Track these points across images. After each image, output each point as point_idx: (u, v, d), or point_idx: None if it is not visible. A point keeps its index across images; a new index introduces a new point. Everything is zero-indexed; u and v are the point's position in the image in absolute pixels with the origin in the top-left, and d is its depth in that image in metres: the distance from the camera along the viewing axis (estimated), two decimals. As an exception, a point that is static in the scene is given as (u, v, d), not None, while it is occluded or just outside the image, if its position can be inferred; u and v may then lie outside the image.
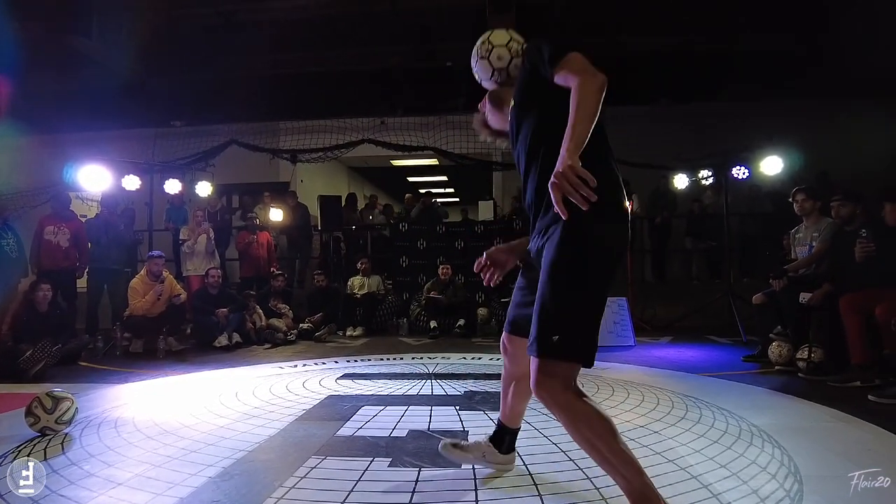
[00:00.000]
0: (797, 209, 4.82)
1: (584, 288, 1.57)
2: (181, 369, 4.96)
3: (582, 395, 1.57)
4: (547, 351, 1.54)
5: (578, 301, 1.56)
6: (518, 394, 2.13)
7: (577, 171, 1.37)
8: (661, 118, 9.26)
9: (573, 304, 1.56)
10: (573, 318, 1.55)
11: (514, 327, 2.02)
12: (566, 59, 1.61)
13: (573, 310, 1.56)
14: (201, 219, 7.59)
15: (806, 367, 4.15)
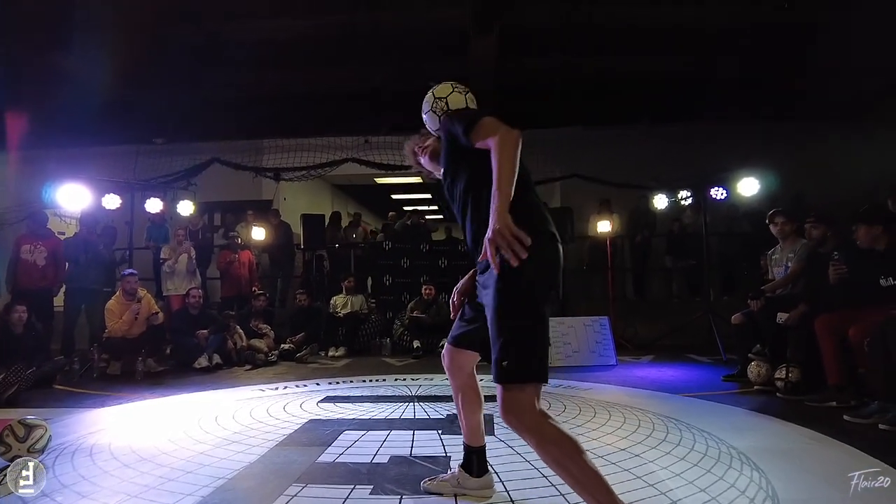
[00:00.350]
0: (776, 231, 4.92)
1: (524, 317, 1.71)
2: (160, 392, 4.88)
3: (547, 417, 1.66)
4: (504, 377, 1.67)
5: (521, 330, 1.70)
6: (466, 406, 2.24)
7: (509, 231, 1.55)
8: (640, 139, 9.42)
9: (518, 333, 1.70)
10: (520, 344, 1.69)
11: (454, 340, 2.24)
12: (479, 125, 1.80)
13: (519, 338, 1.69)
14: (182, 238, 7.53)
15: (784, 386, 4.21)
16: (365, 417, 3.76)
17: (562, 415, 3.73)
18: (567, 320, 6.23)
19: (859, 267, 3.96)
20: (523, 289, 1.71)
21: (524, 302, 1.72)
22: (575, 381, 4.95)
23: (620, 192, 8.55)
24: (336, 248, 9.50)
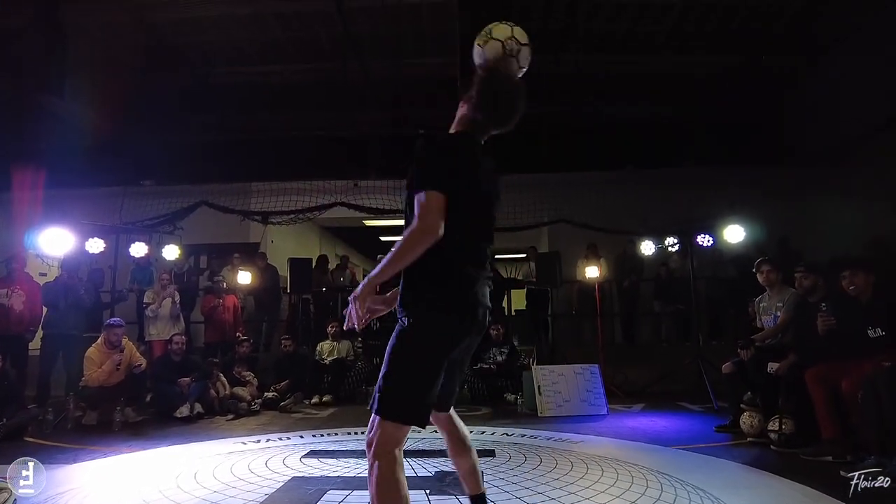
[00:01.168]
0: (762, 280, 4.94)
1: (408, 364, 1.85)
2: (137, 445, 4.70)
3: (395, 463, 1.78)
4: (375, 409, 1.84)
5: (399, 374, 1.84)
6: (452, 454, 2.23)
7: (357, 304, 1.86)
8: (627, 184, 9.55)
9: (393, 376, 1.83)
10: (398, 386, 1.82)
11: None
12: (424, 194, 1.80)
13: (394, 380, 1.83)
14: (167, 282, 7.42)
15: (778, 439, 4.14)
16: (350, 475, 3.63)
17: (553, 471, 3.63)
18: (557, 368, 6.15)
19: (847, 317, 3.96)
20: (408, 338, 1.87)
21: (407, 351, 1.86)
22: (567, 434, 4.85)
23: (607, 236, 8.61)
24: (322, 292, 9.40)
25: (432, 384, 1.85)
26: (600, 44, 10.25)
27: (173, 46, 10.03)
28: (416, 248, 1.78)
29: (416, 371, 1.85)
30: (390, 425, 1.80)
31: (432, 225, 1.77)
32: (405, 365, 1.85)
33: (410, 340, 1.86)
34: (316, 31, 9.84)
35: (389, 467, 1.77)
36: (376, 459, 1.79)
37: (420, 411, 1.84)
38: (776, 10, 9.25)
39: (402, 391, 1.83)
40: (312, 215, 8.51)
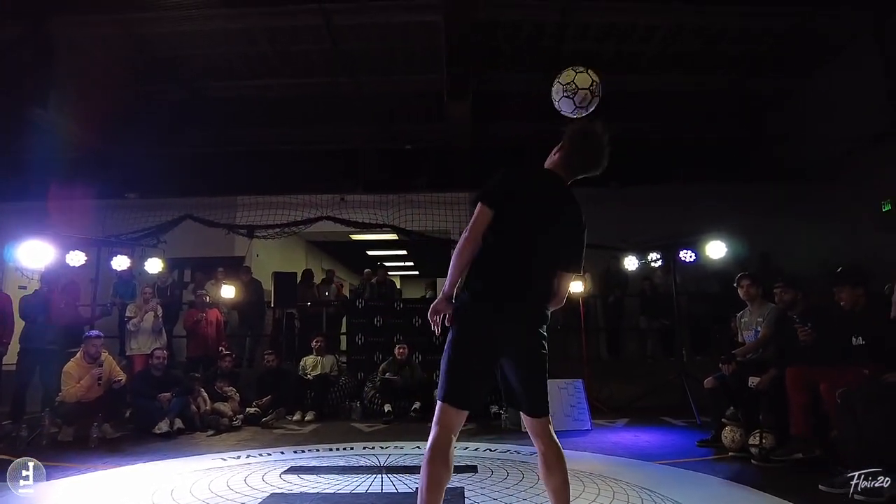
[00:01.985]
0: (742, 294, 5.00)
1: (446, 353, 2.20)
2: (114, 461, 4.61)
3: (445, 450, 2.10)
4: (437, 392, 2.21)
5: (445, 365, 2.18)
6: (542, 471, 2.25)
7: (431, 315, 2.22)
8: (611, 200, 9.62)
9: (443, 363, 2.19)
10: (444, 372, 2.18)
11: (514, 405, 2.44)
12: (478, 206, 2.20)
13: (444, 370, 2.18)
14: (149, 296, 7.35)
15: (758, 453, 4.16)
16: (329, 491, 3.59)
17: (536, 486, 3.61)
18: (541, 383, 6.12)
19: (828, 328, 4.01)
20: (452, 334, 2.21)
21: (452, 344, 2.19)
22: (549, 448, 4.82)
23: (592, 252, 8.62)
24: (307, 307, 9.34)
25: (474, 372, 2.18)
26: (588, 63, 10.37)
27: (163, 60, 10.01)
28: (462, 252, 2.16)
29: (455, 359, 2.17)
30: (444, 406, 2.14)
31: (475, 233, 2.16)
32: (447, 353, 2.19)
33: (451, 331, 2.21)
34: (306, 47, 9.88)
35: (439, 444, 2.10)
36: (433, 429, 2.13)
37: (464, 394, 2.16)
38: (761, 32, 9.43)
39: (449, 376, 2.16)
40: (298, 229, 8.47)
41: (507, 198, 2.21)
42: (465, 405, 2.15)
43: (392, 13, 8.92)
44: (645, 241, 8.12)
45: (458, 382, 2.15)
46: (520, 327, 2.19)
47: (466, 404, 2.15)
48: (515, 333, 2.19)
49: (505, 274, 2.17)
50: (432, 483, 2.07)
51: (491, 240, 2.18)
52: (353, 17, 8.98)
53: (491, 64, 10.25)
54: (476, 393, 2.25)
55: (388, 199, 9.47)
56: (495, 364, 2.23)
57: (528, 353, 2.22)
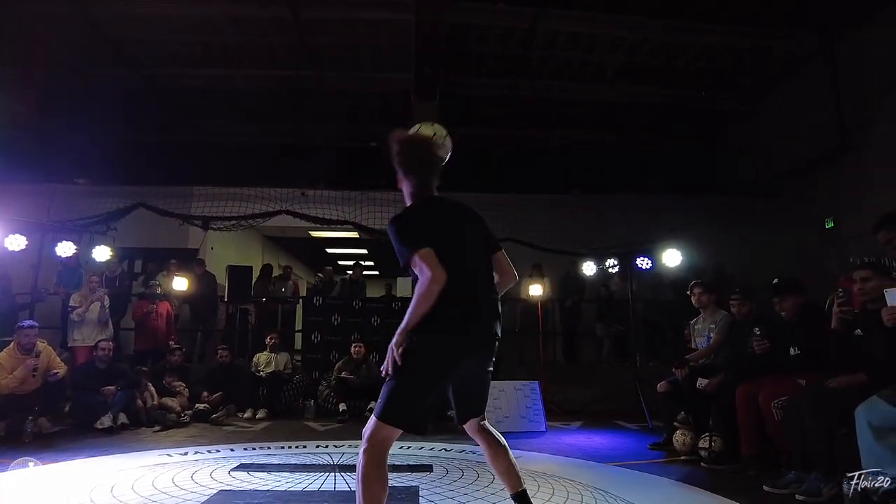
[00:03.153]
0: (695, 302, 5.13)
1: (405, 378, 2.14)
2: (49, 457, 4.36)
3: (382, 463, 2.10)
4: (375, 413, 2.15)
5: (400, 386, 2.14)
6: (488, 457, 2.44)
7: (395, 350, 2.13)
8: (572, 207, 9.77)
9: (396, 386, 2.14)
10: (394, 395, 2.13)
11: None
12: (416, 255, 2.15)
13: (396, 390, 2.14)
14: (96, 285, 7.04)
15: (707, 456, 4.26)
16: (280, 489, 3.49)
17: (490, 485, 3.60)
18: (499, 384, 6.15)
19: (775, 338, 4.14)
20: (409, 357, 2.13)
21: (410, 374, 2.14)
22: (504, 449, 4.82)
23: (552, 256, 8.75)
24: (263, 303, 9.13)
25: (425, 396, 2.17)
26: (555, 72, 10.52)
27: (117, 43, 9.61)
28: (430, 296, 2.11)
29: (411, 383, 2.14)
30: (381, 425, 2.10)
31: (436, 274, 2.10)
32: (404, 377, 2.12)
33: (412, 357, 2.12)
34: (270, 39, 9.67)
35: (375, 459, 2.09)
36: (367, 448, 2.09)
37: (409, 418, 2.16)
38: (721, 50, 9.74)
39: (397, 399, 2.12)
40: (256, 222, 8.27)
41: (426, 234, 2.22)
42: (408, 427, 2.17)
43: (362, 9, 8.83)
44: (603, 247, 8.27)
45: (410, 408, 2.15)
46: (482, 349, 2.29)
47: (410, 427, 2.18)
48: (486, 355, 2.32)
49: (459, 299, 2.19)
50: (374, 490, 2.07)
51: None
52: (321, 11, 8.83)
53: (458, 67, 10.26)
54: (423, 418, 2.25)
55: (351, 195, 9.34)
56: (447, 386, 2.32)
57: (483, 372, 2.38)
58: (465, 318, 2.21)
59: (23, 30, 8.98)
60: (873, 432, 3.01)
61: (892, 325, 3.04)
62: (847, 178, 8.85)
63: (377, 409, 2.14)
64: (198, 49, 9.94)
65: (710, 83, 10.63)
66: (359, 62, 10.27)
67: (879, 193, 7.86)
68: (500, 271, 2.47)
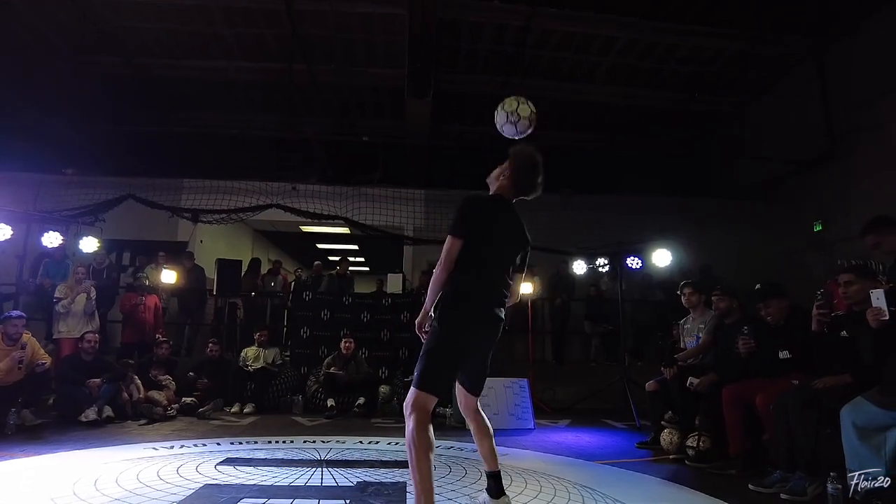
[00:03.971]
0: (685, 302, 5.16)
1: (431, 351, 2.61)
2: (32, 449, 4.32)
3: (426, 426, 2.50)
4: (414, 383, 2.58)
5: (428, 358, 2.60)
6: (476, 437, 2.93)
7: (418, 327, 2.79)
8: (563, 207, 9.79)
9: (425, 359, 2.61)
10: (425, 366, 2.59)
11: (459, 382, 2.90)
12: (448, 239, 2.66)
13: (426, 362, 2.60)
14: (82, 276, 6.95)
15: (695, 455, 4.28)
16: (267, 483, 3.46)
17: (478, 482, 3.59)
18: (489, 381, 6.07)
19: (764, 341, 4.17)
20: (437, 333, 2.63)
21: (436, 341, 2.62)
22: (493, 446, 4.83)
23: (542, 255, 8.76)
24: (252, 297, 9.07)
25: (451, 366, 2.65)
26: (547, 71, 10.53)
27: (108, 31, 9.48)
28: (439, 279, 2.65)
29: (437, 355, 2.58)
30: (420, 393, 2.52)
31: (448, 263, 2.63)
32: (432, 351, 2.58)
33: (436, 334, 2.61)
34: (263, 30, 9.59)
35: (421, 422, 2.47)
36: (412, 414, 2.49)
37: (439, 384, 2.59)
38: (712, 53, 9.80)
39: (429, 369, 2.56)
40: (246, 216, 8.22)
41: (472, 227, 2.67)
42: (439, 393, 2.58)
43: (356, 3, 8.77)
44: (594, 246, 8.29)
45: (439, 375, 2.59)
46: (492, 328, 2.73)
47: (441, 392, 2.59)
48: (489, 333, 2.74)
49: (482, 287, 2.70)
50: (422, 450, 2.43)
51: (467, 261, 2.64)
52: (314, 4, 8.77)
53: (451, 63, 10.24)
54: (450, 383, 2.72)
55: (342, 191, 9.31)
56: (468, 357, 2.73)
57: (490, 349, 2.80)
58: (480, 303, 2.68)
59: (10, 15, 8.85)
60: (857, 432, 3.06)
61: (877, 326, 3.08)
62: (834, 183, 8.94)
63: (415, 380, 2.55)
64: (189, 39, 9.84)
65: (700, 86, 10.69)
66: (352, 56, 10.21)
67: (866, 198, 7.94)
68: (512, 290, 2.84)
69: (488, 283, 2.71)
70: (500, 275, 2.77)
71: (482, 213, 2.74)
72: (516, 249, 2.83)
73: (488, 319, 2.70)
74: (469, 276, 2.66)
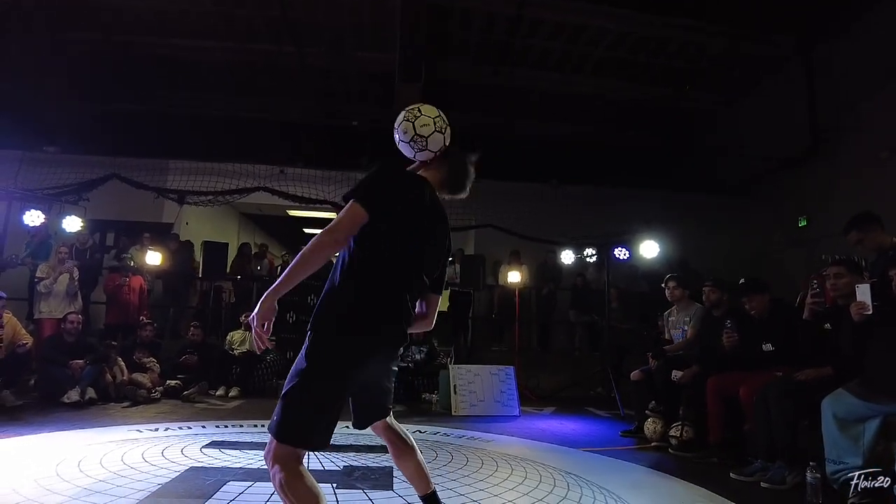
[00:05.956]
0: (668, 295, 5.23)
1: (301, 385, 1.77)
2: (13, 430, 4.26)
3: (300, 474, 1.72)
4: (272, 430, 1.77)
5: (298, 396, 1.77)
6: (396, 458, 2.19)
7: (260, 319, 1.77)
8: (551, 196, 9.81)
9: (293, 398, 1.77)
10: (292, 408, 1.77)
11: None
12: (350, 203, 1.84)
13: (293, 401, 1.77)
14: (65, 256, 6.84)
15: (677, 444, 4.35)
16: (253, 466, 3.46)
17: (463, 468, 3.63)
18: (474, 368, 6.20)
19: (747, 334, 4.24)
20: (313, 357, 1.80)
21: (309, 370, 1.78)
22: (478, 433, 4.88)
23: (530, 244, 8.80)
24: (238, 280, 9.00)
25: (332, 409, 1.80)
26: (537, 61, 10.49)
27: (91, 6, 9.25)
28: (318, 254, 1.78)
29: (315, 395, 1.78)
30: (283, 446, 1.75)
31: (339, 235, 1.81)
32: (306, 387, 1.77)
33: (314, 362, 1.79)
34: (251, 11, 9.42)
35: (292, 474, 1.72)
36: (276, 468, 1.73)
37: (314, 437, 1.79)
38: (700, 49, 9.82)
39: (299, 414, 1.77)
40: (233, 198, 8.13)
41: (386, 202, 1.88)
42: (313, 445, 1.83)
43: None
44: (581, 236, 8.33)
45: (311, 422, 1.77)
46: (391, 351, 2.01)
47: (316, 444, 1.82)
48: (386, 357, 2.02)
49: (383, 293, 1.89)
50: None
51: (365, 251, 1.86)
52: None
53: (440, 51, 10.16)
54: (329, 432, 1.82)
55: (330, 175, 9.22)
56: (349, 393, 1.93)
57: (389, 372, 2.10)
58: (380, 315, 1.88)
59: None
60: (837, 423, 3.12)
61: (859, 320, 3.13)
62: (816, 181, 9.05)
63: (274, 426, 1.76)
64: (175, 17, 9.63)
65: (687, 82, 10.72)
66: (340, 40, 10.08)
67: (846, 196, 8.02)
68: (426, 311, 2.14)
69: (400, 295, 1.92)
70: (419, 285, 2.02)
71: (405, 190, 1.98)
72: (439, 255, 2.09)
73: (393, 342, 1.97)
74: (375, 283, 1.87)
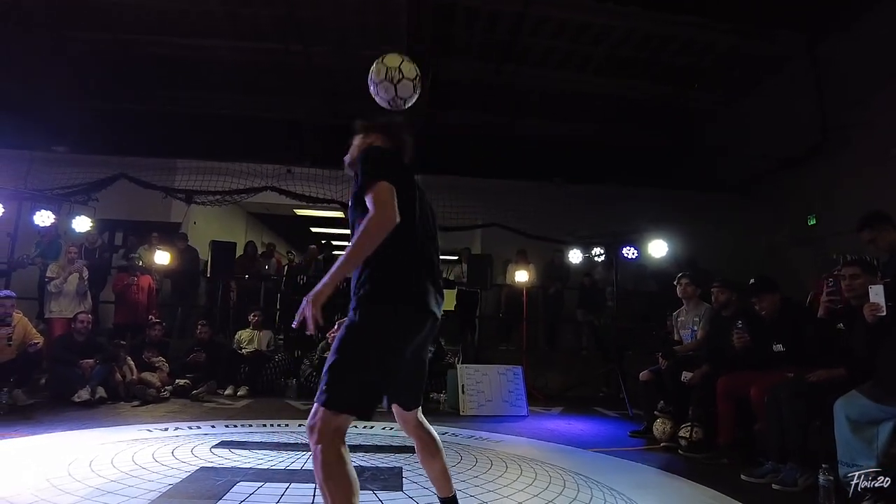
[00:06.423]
0: (680, 292, 5.19)
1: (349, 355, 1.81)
2: (25, 430, 4.30)
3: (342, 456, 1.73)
4: (320, 401, 1.77)
5: (344, 365, 1.80)
6: (422, 457, 2.25)
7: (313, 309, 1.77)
8: (557, 195, 9.78)
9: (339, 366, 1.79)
10: (339, 377, 1.78)
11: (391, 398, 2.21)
12: (374, 187, 1.81)
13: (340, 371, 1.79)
14: (75, 256, 6.88)
15: (687, 445, 4.33)
16: (263, 467, 3.47)
17: (472, 469, 3.62)
18: (482, 368, 6.20)
19: (757, 334, 4.21)
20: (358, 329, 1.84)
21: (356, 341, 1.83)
22: (486, 433, 4.87)
23: (537, 243, 8.77)
24: (246, 280, 9.02)
25: (380, 378, 1.84)
26: (540, 60, 10.44)
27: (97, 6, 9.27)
28: (376, 237, 1.77)
29: (364, 364, 1.80)
30: (330, 414, 1.75)
31: (390, 212, 1.78)
32: (353, 357, 1.80)
33: (362, 333, 1.83)
34: (257, 9, 9.42)
35: (334, 451, 1.72)
36: (319, 444, 1.73)
37: (362, 400, 1.81)
38: (705, 47, 9.75)
39: (347, 383, 1.78)
40: (240, 198, 8.16)
41: (398, 174, 1.89)
42: (361, 412, 1.83)
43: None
44: (589, 235, 8.29)
45: (362, 387, 1.80)
46: (433, 326, 2.00)
47: (364, 411, 1.83)
48: (430, 333, 2.02)
49: (424, 267, 1.96)
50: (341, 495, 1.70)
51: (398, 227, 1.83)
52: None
53: (445, 49, 10.13)
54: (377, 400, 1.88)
55: (337, 174, 9.22)
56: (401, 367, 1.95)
57: (426, 350, 2.14)
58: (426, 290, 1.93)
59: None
60: (850, 425, 3.09)
61: (873, 321, 3.10)
62: (822, 179, 8.96)
63: (321, 394, 1.77)
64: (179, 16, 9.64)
65: (693, 80, 10.64)
66: (347, 39, 10.06)
67: (853, 195, 7.94)
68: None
69: (429, 261, 1.99)
70: (437, 252, 2.07)
71: (400, 161, 2.03)
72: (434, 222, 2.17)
73: (432, 314, 1.96)
74: (405, 250, 1.91)
